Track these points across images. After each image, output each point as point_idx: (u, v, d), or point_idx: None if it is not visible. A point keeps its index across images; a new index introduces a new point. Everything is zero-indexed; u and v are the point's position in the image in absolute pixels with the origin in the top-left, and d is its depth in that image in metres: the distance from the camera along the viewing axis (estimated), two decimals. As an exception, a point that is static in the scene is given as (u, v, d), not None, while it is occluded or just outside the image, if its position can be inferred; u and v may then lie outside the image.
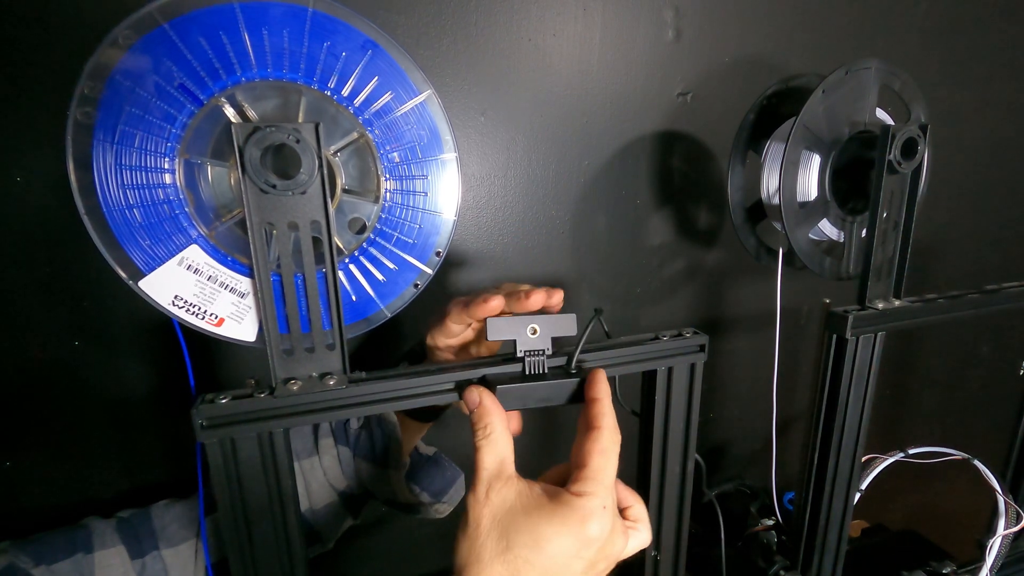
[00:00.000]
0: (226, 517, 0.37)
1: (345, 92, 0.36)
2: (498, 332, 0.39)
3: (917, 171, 0.49)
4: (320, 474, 0.54)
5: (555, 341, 0.40)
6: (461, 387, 0.39)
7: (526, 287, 0.43)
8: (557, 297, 0.43)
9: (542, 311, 0.42)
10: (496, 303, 0.42)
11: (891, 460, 0.64)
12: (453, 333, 0.46)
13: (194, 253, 0.35)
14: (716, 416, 0.90)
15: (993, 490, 0.64)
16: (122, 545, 0.48)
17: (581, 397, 0.38)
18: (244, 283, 0.36)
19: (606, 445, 0.35)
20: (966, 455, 0.64)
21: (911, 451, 0.65)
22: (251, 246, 0.34)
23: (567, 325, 0.40)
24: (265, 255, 0.34)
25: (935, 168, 0.60)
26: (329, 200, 0.34)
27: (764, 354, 0.88)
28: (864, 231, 0.50)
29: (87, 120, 0.31)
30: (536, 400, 0.39)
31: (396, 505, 0.58)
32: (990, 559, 0.64)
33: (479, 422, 0.36)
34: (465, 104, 0.63)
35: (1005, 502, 0.64)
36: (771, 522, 0.68)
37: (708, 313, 0.84)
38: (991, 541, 0.65)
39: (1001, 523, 0.65)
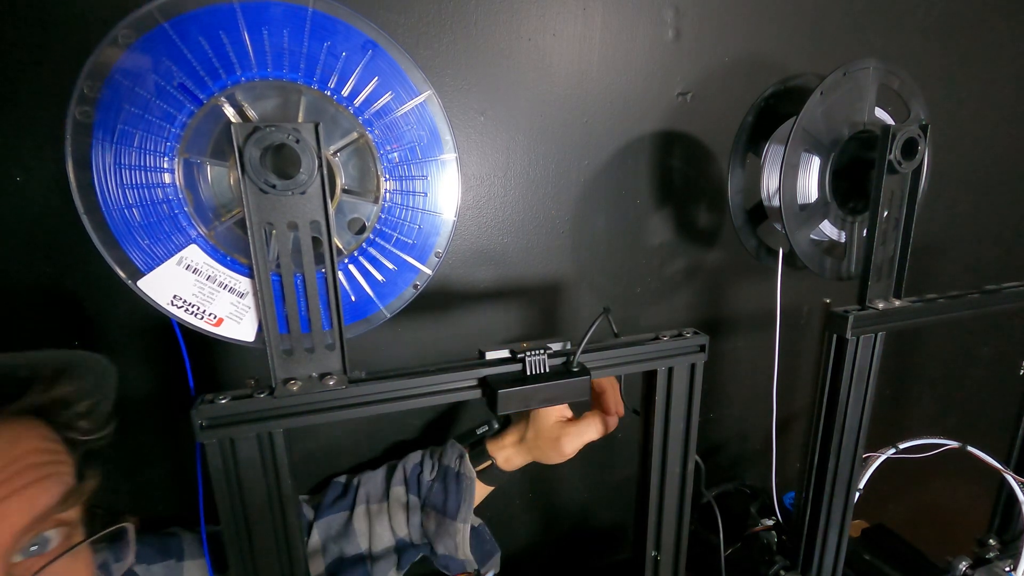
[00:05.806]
0: (226, 518, 0.37)
1: (345, 92, 0.36)
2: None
3: (917, 171, 0.49)
4: (386, 519, 0.56)
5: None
6: (460, 389, 0.39)
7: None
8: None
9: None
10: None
11: (884, 457, 0.64)
12: None
13: (193, 253, 0.35)
14: (716, 416, 0.90)
15: (997, 471, 0.63)
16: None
17: (585, 396, 0.38)
18: (243, 283, 0.36)
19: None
20: (959, 443, 0.64)
21: (902, 445, 0.65)
22: (251, 246, 0.33)
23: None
24: (265, 255, 0.34)
25: (935, 167, 0.60)
26: (329, 200, 0.34)
27: (764, 354, 0.88)
28: (865, 231, 0.50)
29: (86, 119, 0.31)
30: (539, 401, 0.38)
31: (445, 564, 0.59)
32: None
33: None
34: (465, 104, 0.63)
35: (1021, 486, 0.64)
36: (771, 522, 0.67)
37: (708, 313, 0.84)
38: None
39: (1024, 509, 0.64)
